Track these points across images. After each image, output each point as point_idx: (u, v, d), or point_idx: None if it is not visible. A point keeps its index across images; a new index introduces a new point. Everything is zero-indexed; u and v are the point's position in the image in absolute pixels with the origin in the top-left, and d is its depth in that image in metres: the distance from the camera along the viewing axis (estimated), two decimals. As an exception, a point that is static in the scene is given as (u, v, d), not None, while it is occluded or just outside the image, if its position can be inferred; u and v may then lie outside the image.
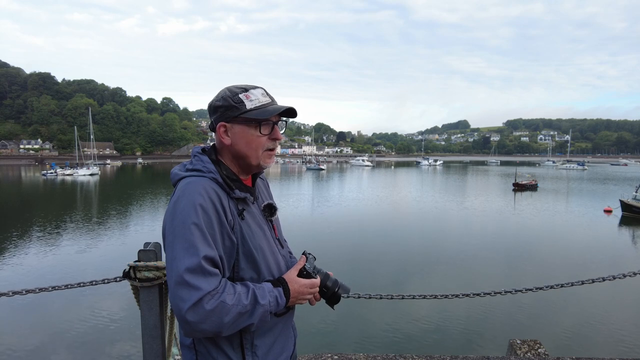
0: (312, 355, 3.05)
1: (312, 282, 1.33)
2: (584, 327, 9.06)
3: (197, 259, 1.10)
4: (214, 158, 1.30)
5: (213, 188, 1.20)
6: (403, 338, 8.34)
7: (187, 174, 1.25)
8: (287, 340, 1.37)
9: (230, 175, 1.28)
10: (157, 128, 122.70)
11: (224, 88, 1.31)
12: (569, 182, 52.11)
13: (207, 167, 1.25)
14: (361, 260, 13.83)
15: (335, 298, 1.39)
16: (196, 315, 1.08)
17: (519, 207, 27.70)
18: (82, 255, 14.51)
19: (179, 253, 1.11)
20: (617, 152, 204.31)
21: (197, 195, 1.16)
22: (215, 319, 1.10)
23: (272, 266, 1.32)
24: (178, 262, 1.11)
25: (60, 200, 31.76)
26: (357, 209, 26.03)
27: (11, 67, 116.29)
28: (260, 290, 1.20)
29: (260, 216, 1.36)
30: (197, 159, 1.29)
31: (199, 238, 1.12)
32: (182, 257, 1.11)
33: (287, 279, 1.29)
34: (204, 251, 1.12)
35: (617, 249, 16.72)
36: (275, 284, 1.26)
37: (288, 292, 1.27)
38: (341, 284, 1.40)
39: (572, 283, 2.63)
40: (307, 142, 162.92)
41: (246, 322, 1.17)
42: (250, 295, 1.17)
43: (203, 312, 1.08)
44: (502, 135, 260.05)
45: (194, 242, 1.11)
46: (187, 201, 1.15)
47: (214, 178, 1.23)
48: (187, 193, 1.17)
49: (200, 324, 1.09)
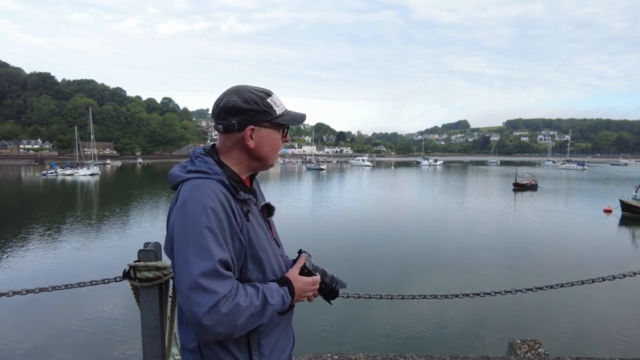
0: (312, 355, 3.05)
1: (314, 279, 1.36)
2: (584, 327, 9.07)
3: (212, 263, 1.09)
4: (216, 159, 1.29)
5: (221, 190, 1.19)
6: (403, 338, 8.34)
7: (191, 176, 1.23)
8: (288, 338, 1.39)
9: (234, 177, 1.28)
10: (157, 128, 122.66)
11: (239, 89, 1.28)
12: (568, 182, 52.13)
13: (212, 168, 1.24)
14: (361, 260, 13.84)
15: (333, 294, 1.42)
16: (212, 319, 1.07)
17: (520, 207, 27.71)
18: (82, 255, 14.51)
19: (193, 257, 1.10)
20: (617, 152, 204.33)
21: (207, 198, 1.15)
22: (230, 321, 1.10)
23: (275, 266, 1.33)
24: (192, 266, 1.09)
25: (61, 200, 31.76)
26: (357, 209, 26.03)
27: (11, 67, 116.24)
28: (269, 291, 1.21)
29: (260, 217, 1.36)
30: (200, 160, 1.27)
31: (212, 241, 1.11)
32: (196, 261, 1.09)
33: (291, 278, 1.30)
34: (218, 255, 1.11)
35: (617, 249, 16.72)
36: (281, 283, 1.27)
37: (293, 291, 1.28)
38: (338, 280, 1.43)
39: (572, 283, 2.63)
40: (307, 142, 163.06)
41: (257, 323, 1.17)
42: (260, 296, 1.18)
43: (219, 315, 1.08)
44: (502, 135, 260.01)
45: (208, 246, 1.10)
46: (197, 204, 1.14)
47: (221, 180, 1.22)
48: (196, 195, 1.15)
49: (215, 327, 1.08)
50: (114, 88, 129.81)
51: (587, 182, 51.25)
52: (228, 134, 1.28)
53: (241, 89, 1.28)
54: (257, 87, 1.31)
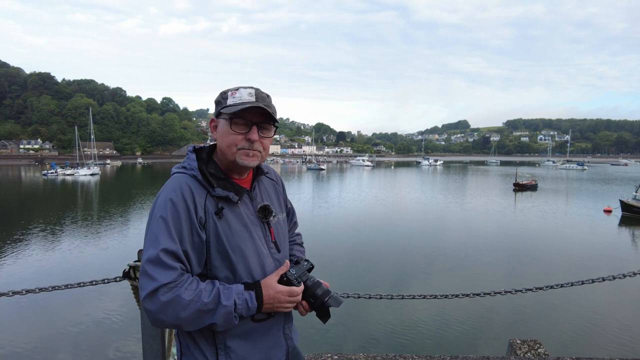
0: (312, 355, 3.05)
1: (291, 289, 1.26)
2: (584, 327, 9.06)
3: (156, 251, 1.15)
4: (203, 156, 1.34)
5: (188, 184, 1.24)
6: (403, 338, 8.34)
7: (174, 171, 1.31)
8: (272, 348, 1.32)
9: (217, 174, 1.30)
10: (157, 128, 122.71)
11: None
12: (568, 182, 52.11)
13: (190, 164, 1.30)
14: (361, 260, 13.83)
15: (323, 310, 1.29)
16: (152, 305, 1.12)
17: (520, 207, 27.71)
18: (82, 255, 14.51)
19: (146, 244, 1.19)
20: (617, 152, 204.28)
21: (171, 191, 1.22)
22: (172, 312, 1.13)
23: (254, 268, 1.28)
24: (145, 252, 1.18)
25: (61, 200, 31.75)
26: (357, 209, 26.02)
27: (11, 67, 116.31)
28: (227, 291, 1.19)
29: (253, 217, 1.33)
30: (186, 157, 1.34)
31: (163, 231, 1.17)
32: (147, 247, 1.18)
33: (263, 284, 1.26)
34: (164, 244, 1.15)
35: (617, 249, 16.71)
36: (249, 287, 1.23)
37: (261, 297, 1.23)
38: (333, 295, 1.29)
39: (572, 283, 2.63)
40: (307, 142, 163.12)
41: (208, 321, 1.16)
42: (213, 294, 1.16)
43: (158, 302, 1.12)
44: (502, 135, 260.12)
45: (157, 235, 1.17)
46: (163, 196, 1.22)
47: (194, 175, 1.27)
48: (165, 189, 1.24)
49: (157, 314, 1.13)
50: (114, 88, 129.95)
51: (587, 182, 51.21)
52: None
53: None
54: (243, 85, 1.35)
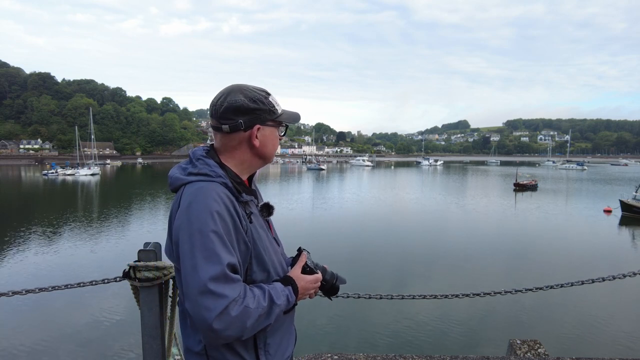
0: (312, 355, 3.05)
1: (316, 277, 1.37)
2: (584, 327, 9.06)
3: (221, 267, 1.09)
4: (217, 161, 1.28)
5: (225, 193, 1.19)
6: (403, 338, 8.34)
7: (193, 179, 1.22)
8: (290, 336, 1.40)
9: (236, 179, 1.27)
10: (157, 128, 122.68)
11: (242, 88, 1.27)
12: (568, 182, 52.12)
13: (215, 171, 1.23)
14: (361, 260, 13.83)
15: (333, 290, 1.44)
16: (222, 323, 1.07)
17: (520, 207, 27.71)
18: (82, 255, 14.51)
19: (201, 262, 1.10)
20: (617, 152, 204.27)
21: (212, 202, 1.14)
22: (239, 324, 1.10)
23: (277, 266, 1.33)
24: (200, 271, 1.09)
25: (61, 200, 31.76)
26: (357, 209, 26.03)
27: (11, 67, 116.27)
28: (274, 291, 1.21)
29: (260, 217, 1.36)
30: (202, 162, 1.25)
31: (220, 246, 1.11)
32: (204, 266, 1.09)
33: (294, 277, 1.30)
34: (227, 259, 1.11)
35: (617, 249, 16.72)
36: (285, 283, 1.27)
37: (297, 290, 1.28)
38: (338, 276, 1.44)
39: (572, 283, 2.63)
40: (307, 142, 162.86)
41: (265, 324, 1.18)
42: (267, 297, 1.18)
43: (229, 319, 1.08)
44: (502, 135, 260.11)
45: (215, 250, 1.10)
46: (202, 208, 1.13)
47: (224, 183, 1.21)
48: (201, 199, 1.15)
49: (225, 331, 1.08)
50: (114, 88, 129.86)
51: (587, 183, 51.23)
52: (232, 133, 1.26)
53: (244, 88, 1.28)
54: (255, 87, 1.30)
